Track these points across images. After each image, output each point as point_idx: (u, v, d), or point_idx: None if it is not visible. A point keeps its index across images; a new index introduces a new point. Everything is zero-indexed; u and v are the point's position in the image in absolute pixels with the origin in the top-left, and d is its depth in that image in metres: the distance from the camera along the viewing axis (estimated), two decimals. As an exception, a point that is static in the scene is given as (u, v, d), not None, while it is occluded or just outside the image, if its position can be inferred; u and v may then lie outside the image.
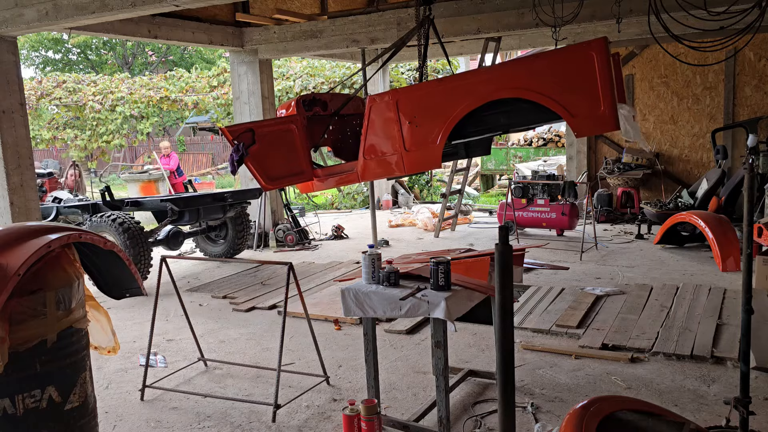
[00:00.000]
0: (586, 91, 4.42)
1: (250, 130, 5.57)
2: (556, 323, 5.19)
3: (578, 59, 4.47)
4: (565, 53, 4.72)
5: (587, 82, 4.40)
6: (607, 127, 4.57)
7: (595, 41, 4.46)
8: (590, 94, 4.40)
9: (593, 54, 4.36)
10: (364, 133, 5.33)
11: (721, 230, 6.62)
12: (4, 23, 5.93)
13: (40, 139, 15.53)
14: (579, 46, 4.71)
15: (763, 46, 9.42)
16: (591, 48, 4.42)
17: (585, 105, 4.45)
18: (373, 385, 3.62)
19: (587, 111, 4.46)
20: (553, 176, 9.39)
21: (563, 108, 4.49)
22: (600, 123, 4.52)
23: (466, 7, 7.38)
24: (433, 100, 5.02)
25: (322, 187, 6.16)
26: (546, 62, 4.72)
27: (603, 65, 4.35)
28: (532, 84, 4.58)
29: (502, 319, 2.40)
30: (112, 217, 7.09)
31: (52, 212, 8.38)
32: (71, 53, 29.53)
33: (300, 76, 14.93)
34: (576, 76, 4.45)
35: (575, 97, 4.45)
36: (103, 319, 3.50)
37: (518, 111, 4.84)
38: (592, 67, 4.38)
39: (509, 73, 4.89)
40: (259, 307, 6.14)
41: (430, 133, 5.04)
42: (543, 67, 4.64)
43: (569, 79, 4.47)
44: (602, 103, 4.38)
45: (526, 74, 4.68)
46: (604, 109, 4.39)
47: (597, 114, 4.43)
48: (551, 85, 4.52)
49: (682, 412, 3.61)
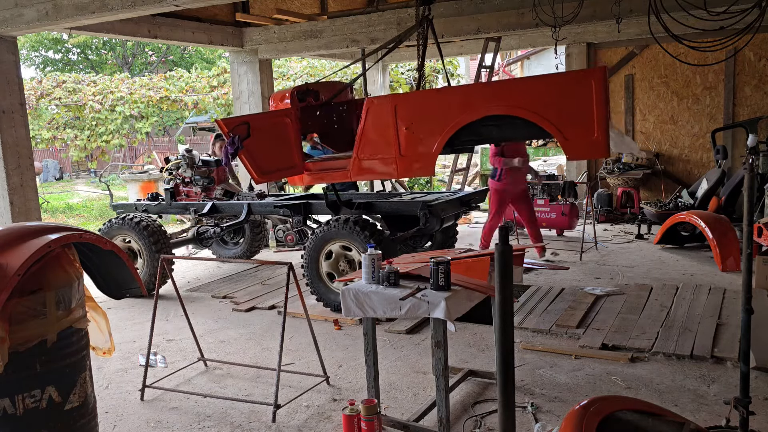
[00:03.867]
0: (581, 116, 4.51)
1: (245, 123, 5.58)
2: (556, 323, 5.19)
3: (577, 85, 4.56)
4: (564, 78, 4.87)
5: (583, 109, 4.49)
6: (599, 153, 4.66)
7: (595, 70, 4.56)
8: (585, 120, 4.49)
9: (592, 82, 4.42)
10: (359, 133, 5.35)
11: (721, 230, 6.62)
12: (4, 23, 5.93)
13: (40, 139, 15.52)
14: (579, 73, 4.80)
15: (763, 46, 9.41)
16: (591, 76, 4.50)
17: (579, 130, 4.54)
18: (373, 385, 3.62)
19: (581, 136, 4.54)
20: (553, 176, 9.39)
21: (558, 130, 4.59)
22: (592, 149, 4.62)
23: (466, 7, 7.38)
24: (432, 109, 5.06)
25: (312, 182, 6.21)
26: (546, 84, 4.81)
27: (600, 94, 4.42)
28: (530, 104, 4.65)
29: (502, 319, 2.40)
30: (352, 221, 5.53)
31: (243, 211, 6.78)
32: (71, 53, 29.52)
33: (300, 76, 14.93)
34: (573, 102, 4.54)
35: (570, 121, 4.54)
36: (101, 319, 3.50)
37: (511, 127, 4.90)
38: (589, 95, 4.44)
39: (509, 91, 4.95)
40: (259, 307, 6.13)
41: (426, 141, 5.09)
42: (542, 89, 4.72)
43: (566, 103, 4.56)
44: (596, 130, 4.45)
45: (526, 94, 4.75)
46: (597, 136, 4.46)
47: (590, 140, 4.51)
48: (548, 108, 4.60)
49: (682, 412, 3.61)
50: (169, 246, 6.79)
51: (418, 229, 5.90)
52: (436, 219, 5.73)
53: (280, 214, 6.53)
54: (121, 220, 6.67)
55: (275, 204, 6.58)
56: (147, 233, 6.56)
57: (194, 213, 7.03)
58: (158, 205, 7.24)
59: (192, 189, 7.42)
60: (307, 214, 6.39)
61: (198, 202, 7.11)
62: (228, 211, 6.98)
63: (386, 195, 6.95)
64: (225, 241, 8.33)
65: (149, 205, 7.23)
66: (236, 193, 7.45)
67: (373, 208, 6.06)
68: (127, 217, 6.69)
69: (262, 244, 8.29)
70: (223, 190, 7.37)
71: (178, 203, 7.22)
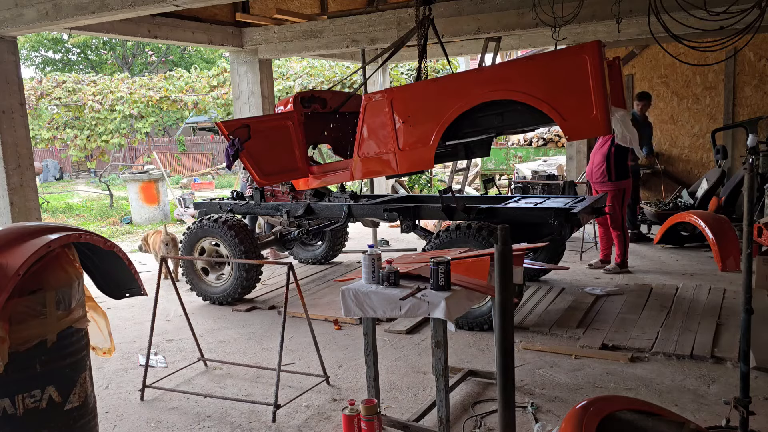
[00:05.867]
0: (578, 94, 4.38)
1: (245, 126, 5.58)
2: (556, 323, 5.19)
3: (571, 62, 4.43)
4: (557, 56, 4.66)
5: (580, 86, 4.35)
6: (599, 131, 4.53)
7: (588, 45, 4.41)
8: (582, 98, 4.36)
9: (586, 57, 4.32)
10: (358, 132, 5.34)
11: (721, 230, 6.60)
12: (4, 23, 5.92)
13: (39, 139, 15.50)
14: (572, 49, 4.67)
15: (763, 46, 9.41)
16: (584, 51, 4.37)
17: (577, 109, 4.41)
18: (373, 385, 3.62)
19: (579, 115, 4.42)
20: (553, 176, 9.39)
21: (555, 111, 4.45)
22: (592, 127, 4.49)
23: (466, 7, 7.37)
24: (427, 100, 5.00)
25: (316, 184, 6.15)
26: (539, 65, 4.69)
27: (596, 69, 4.29)
28: (525, 86, 4.54)
29: (502, 319, 2.40)
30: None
31: (342, 214, 6.14)
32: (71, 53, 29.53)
33: (300, 76, 14.93)
34: (568, 80, 4.40)
35: (567, 100, 4.42)
36: (101, 320, 3.50)
37: (511, 113, 4.82)
38: (584, 71, 4.33)
39: (502, 74, 4.87)
40: (259, 307, 6.13)
41: (424, 133, 5.02)
42: (536, 70, 4.61)
43: (562, 82, 4.43)
44: (594, 107, 4.34)
45: (519, 76, 4.64)
46: (596, 114, 4.35)
47: (589, 118, 4.39)
48: (544, 88, 4.48)
49: (682, 412, 3.61)
50: (258, 250, 6.35)
51: (551, 239, 5.31)
52: (569, 227, 5.16)
53: (384, 218, 5.90)
54: (213, 222, 6.15)
55: (385, 207, 5.84)
56: (238, 240, 6.04)
57: (287, 215, 6.48)
58: (245, 205, 6.72)
59: (279, 188, 6.82)
60: (416, 217, 5.80)
61: (291, 203, 6.49)
62: (326, 213, 6.35)
63: (501, 199, 6.37)
64: (304, 243, 7.85)
65: (235, 205, 6.71)
66: (326, 194, 6.76)
67: (496, 214, 5.37)
68: (220, 219, 6.16)
69: (342, 247, 7.92)
70: (314, 190, 6.64)
71: (269, 204, 6.62)
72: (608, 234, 7.03)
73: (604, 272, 6.92)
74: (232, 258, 6.01)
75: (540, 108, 4.50)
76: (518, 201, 6.05)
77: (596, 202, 5.82)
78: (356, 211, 6.13)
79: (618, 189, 6.74)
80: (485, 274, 3.52)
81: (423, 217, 5.86)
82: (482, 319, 5.05)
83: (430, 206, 5.79)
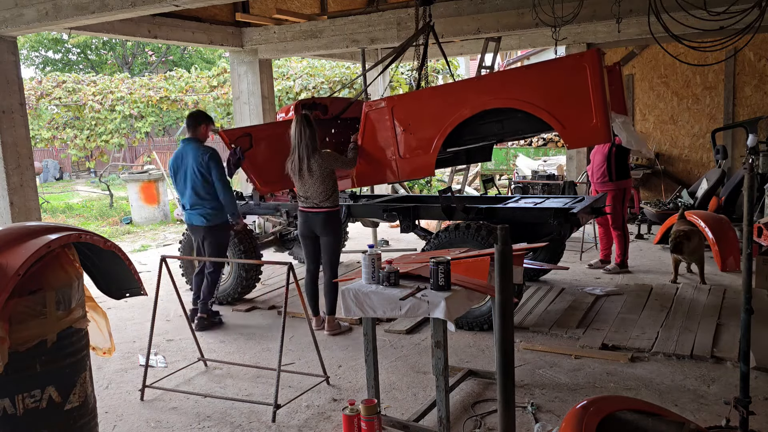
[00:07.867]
0: (578, 103, 4.38)
1: (247, 135, 5.58)
2: (556, 323, 5.19)
3: (570, 71, 4.44)
4: (557, 64, 4.69)
5: (579, 94, 4.36)
6: (599, 139, 4.54)
7: (587, 53, 4.41)
8: (582, 106, 4.36)
9: (586, 66, 4.33)
10: (360, 139, 5.34)
11: (721, 230, 6.61)
12: (4, 23, 5.93)
13: (39, 139, 15.51)
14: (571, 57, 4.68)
15: (763, 46, 9.41)
16: (583, 59, 4.38)
17: (577, 117, 4.42)
18: (373, 385, 3.62)
19: (579, 123, 4.43)
20: (553, 176, 9.39)
21: (555, 119, 4.46)
22: (592, 135, 4.49)
23: (466, 7, 7.37)
24: (428, 108, 5.01)
25: None
26: (539, 73, 4.70)
27: (595, 77, 4.29)
28: (525, 95, 4.55)
29: (502, 319, 2.40)
30: None
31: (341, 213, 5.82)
32: (71, 53, 29.50)
33: (300, 76, 14.92)
34: (568, 88, 4.41)
35: (567, 108, 4.42)
36: (101, 320, 3.50)
37: (512, 121, 4.83)
38: (584, 79, 4.33)
39: (502, 83, 4.88)
40: (259, 307, 6.13)
41: (425, 140, 5.04)
42: (536, 78, 4.61)
43: (561, 90, 4.43)
44: (594, 115, 4.34)
45: (519, 85, 4.65)
46: (596, 122, 4.36)
47: (589, 126, 4.39)
48: (544, 96, 4.49)
49: (682, 412, 3.61)
50: (258, 250, 6.29)
51: (551, 239, 5.26)
52: (569, 226, 5.16)
53: (384, 218, 5.87)
54: None
55: (384, 207, 5.84)
56: (238, 240, 6.02)
57: (286, 215, 6.47)
58: (245, 204, 6.67)
59: None
60: (416, 217, 5.78)
61: (291, 203, 6.48)
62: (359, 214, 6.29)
63: (500, 199, 6.37)
64: None
65: None
66: None
67: (495, 214, 5.34)
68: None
69: (342, 247, 7.58)
70: None
71: (268, 204, 6.60)
72: (608, 234, 7.04)
73: (604, 272, 6.92)
74: (232, 258, 6.01)
75: (540, 116, 4.52)
76: (518, 201, 6.07)
77: (596, 201, 5.84)
78: (356, 211, 6.15)
79: (618, 189, 6.75)
80: (485, 274, 3.52)
81: (423, 217, 5.85)
82: (482, 319, 5.05)
83: (430, 206, 5.81)
